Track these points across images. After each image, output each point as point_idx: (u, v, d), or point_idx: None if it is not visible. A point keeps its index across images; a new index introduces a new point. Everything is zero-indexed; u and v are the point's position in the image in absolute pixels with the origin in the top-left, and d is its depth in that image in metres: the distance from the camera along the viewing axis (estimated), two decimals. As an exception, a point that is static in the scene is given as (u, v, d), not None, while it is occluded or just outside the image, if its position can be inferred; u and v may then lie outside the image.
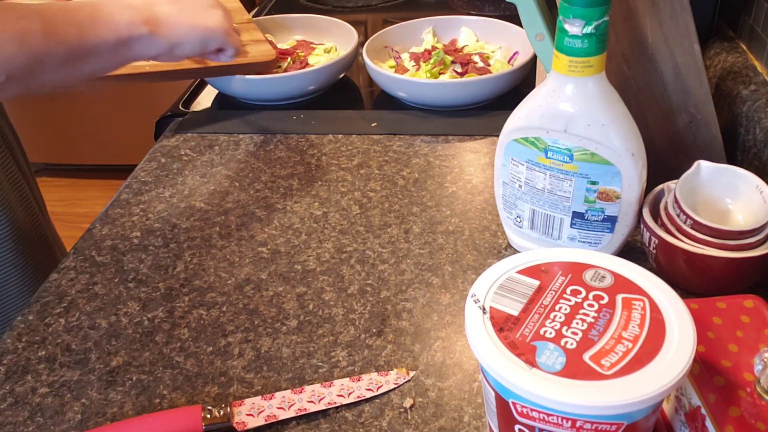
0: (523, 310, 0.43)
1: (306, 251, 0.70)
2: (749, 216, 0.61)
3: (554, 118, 0.57)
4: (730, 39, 0.87)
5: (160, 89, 2.25)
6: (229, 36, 0.77)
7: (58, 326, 0.63)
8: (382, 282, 0.66)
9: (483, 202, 0.75)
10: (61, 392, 0.57)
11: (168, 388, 0.57)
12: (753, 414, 0.41)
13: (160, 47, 0.70)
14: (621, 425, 0.39)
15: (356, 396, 0.54)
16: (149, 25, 0.67)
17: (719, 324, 0.47)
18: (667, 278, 0.47)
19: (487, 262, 0.67)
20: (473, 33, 1.07)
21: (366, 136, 0.89)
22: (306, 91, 0.97)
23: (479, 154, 0.84)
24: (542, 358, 0.40)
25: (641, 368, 0.38)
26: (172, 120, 0.97)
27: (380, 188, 0.79)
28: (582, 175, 0.58)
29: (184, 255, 0.71)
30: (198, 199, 0.80)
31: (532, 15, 0.65)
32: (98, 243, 0.73)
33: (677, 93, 0.66)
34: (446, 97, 0.92)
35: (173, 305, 0.65)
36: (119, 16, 0.65)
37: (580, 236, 0.62)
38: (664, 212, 0.61)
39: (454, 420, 0.52)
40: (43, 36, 0.59)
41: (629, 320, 0.41)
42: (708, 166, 0.62)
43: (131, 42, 0.66)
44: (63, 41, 0.60)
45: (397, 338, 0.60)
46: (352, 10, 1.35)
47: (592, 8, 0.51)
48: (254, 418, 0.53)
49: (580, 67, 0.54)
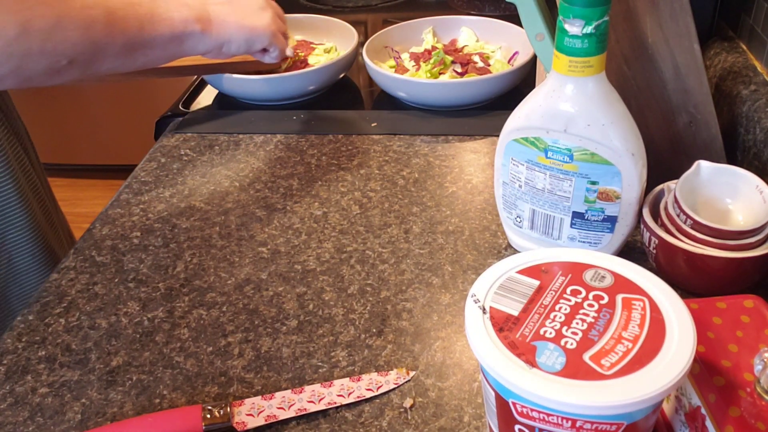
0: (523, 310, 0.43)
1: (306, 251, 0.70)
2: (749, 216, 0.61)
3: (554, 118, 0.57)
4: (730, 39, 0.87)
5: (160, 89, 2.25)
6: (275, 38, 0.81)
7: (58, 326, 0.63)
8: (382, 282, 0.66)
9: (483, 202, 0.75)
10: (61, 392, 0.57)
11: (168, 388, 0.57)
12: (753, 414, 0.41)
13: (209, 44, 0.74)
14: (621, 425, 0.39)
15: (356, 396, 0.54)
16: (201, 23, 0.71)
17: (719, 324, 0.47)
18: (667, 278, 0.47)
19: (487, 262, 0.67)
20: (473, 33, 1.07)
21: (366, 136, 0.89)
22: (306, 91, 0.97)
23: (479, 154, 0.84)
24: (542, 358, 0.40)
25: (641, 368, 0.38)
26: (172, 120, 0.97)
27: (380, 188, 0.79)
28: (582, 175, 0.58)
29: (184, 255, 0.71)
30: (198, 199, 0.80)
31: (532, 15, 0.65)
32: (98, 243, 0.73)
33: (677, 93, 0.66)
34: (446, 97, 0.92)
35: (173, 305, 0.65)
36: (176, 13, 0.69)
37: (580, 236, 0.62)
38: (664, 212, 0.61)
39: (454, 420, 0.52)
40: (106, 26, 0.63)
41: (629, 320, 0.41)
42: (708, 166, 0.62)
43: (184, 38, 0.70)
44: (124, 32, 0.64)
45: (397, 338, 0.60)
46: (352, 10, 1.35)
47: (592, 8, 0.51)
48: (254, 418, 0.53)
49: (580, 67, 0.54)
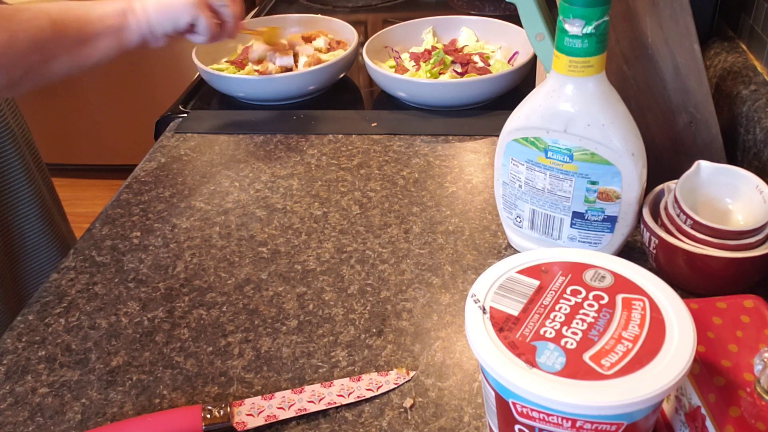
0: (523, 310, 0.43)
1: (306, 251, 0.70)
2: (749, 216, 0.61)
3: (554, 118, 0.57)
4: (730, 39, 0.87)
5: (160, 89, 2.25)
6: (198, 10, 0.80)
7: (58, 326, 0.63)
8: (382, 282, 0.66)
9: (483, 202, 0.75)
10: (61, 392, 0.57)
11: (168, 388, 0.57)
12: (753, 414, 0.41)
13: (143, 30, 0.77)
14: (621, 425, 0.39)
15: (356, 396, 0.54)
16: (132, 12, 0.76)
17: (719, 324, 0.47)
18: (667, 278, 0.47)
19: (487, 262, 0.67)
20: (473, 33, 1.07)
21: (366, 136, 0.89)
22: (306, 91, 0.97)
23: (479, 154, 0.84)
24: (542, 358, 0.40)
25: (641, 368, 0.38)
26: (172, 120, 0.97)
27: (380, 188, 0.79)
28: (582, 175, 0.58)
29: (184, 255, 0.71)
30: (198, 199, 0.80)
31: (532, 15, 0.65)
32: (98, 243, 0.73)
33: (677, 93, 0.66)
34: (446, 97, 0.92)
35: (173, 305, 0.65)
36: (108, 8, 0.75)
37: (580, 236, 0.62)
38: (664, 212, 0.61)
39: (454, 420, 0.52)
40: (52, 33, 0.69)
41: (629, 320, 0.41)
42: (708, 166, 0.62)
43: (120, 29, 0.75)
44: (68, 35, 0.70)
45: (397, 338, 0.60)
46: (352, 10, 1.35)
47: (592, 8, 0.51)
48: (254, 418, 0.53)
49: (580, 67, 0.54)
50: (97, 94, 2.33)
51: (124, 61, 2.25)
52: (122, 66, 2.21)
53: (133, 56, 2.26)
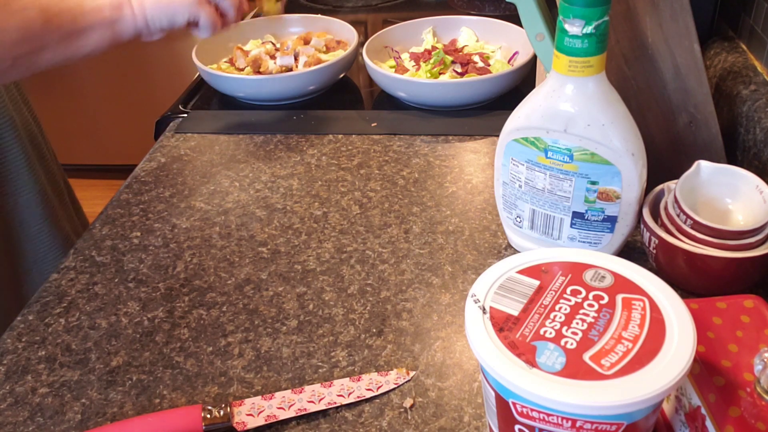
0: (523, 310, 0.43)
1: (306, 251, 0.70)
2: (749, 216, 0.61)
3: (554, 118, 0.57)
4: (730, 39, 0.87)
5: (160, 89, 2.26)
6: (198, 7, 0.80)
7: (58, 326, 0.63)
8: (382, 282, 0.66)
9: (483, 202, 0.75)
10: (61, 392, 0.57)
11: (168, 388, 0.57)
12: (753, 414, 0.41)
13: (139, 24, 0.77)
14: (621, 425, 0.39)
15: (356, 396, 0.54)
16: (125, 6, 0.75)
17: (719, 324, 0.47)
18: (667, 278, 0.47)
19: (487, 262, 0.67)
20: (473, 33, 1.07)
21: (366, 136, 0.89)
22: (306, 91, 0.97)
23: (479, 154, 0.84)
24: (542, 358, 0.40)
25: (641, 368, 0.38)
26: (172, 120, 0.97)
27: (380, 188, 0.79)
28: (582, 175, 0.58)
29: (184, 255, 0.71)
30: (198, 199, 0.80)
31: (532, 15, 0.65)
32: (98, 243, 0.73)
33: (677, 93, 0.66)
34: (446, 97, 0.92)
35: (173, 305, 0.65)
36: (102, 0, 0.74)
37: (580, 236, 0.62)
38: (664, 212, 0.61)
39: (454, 420, 0.52)
40: (42, 23, 0.68)
41: (629, 320, 0.41)
42: (708, 166, 0.62)
43: (115, 22, 0.75)
44: (59, 27, 0.70)
45: (397, 338, 0.60)
46: (352, 10, 1.35)
47: (592, 8, 0.51)
48: (254, 418, 0.53)
49: (580, 67, 0.54)
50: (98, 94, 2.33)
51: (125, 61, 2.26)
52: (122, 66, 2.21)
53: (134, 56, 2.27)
